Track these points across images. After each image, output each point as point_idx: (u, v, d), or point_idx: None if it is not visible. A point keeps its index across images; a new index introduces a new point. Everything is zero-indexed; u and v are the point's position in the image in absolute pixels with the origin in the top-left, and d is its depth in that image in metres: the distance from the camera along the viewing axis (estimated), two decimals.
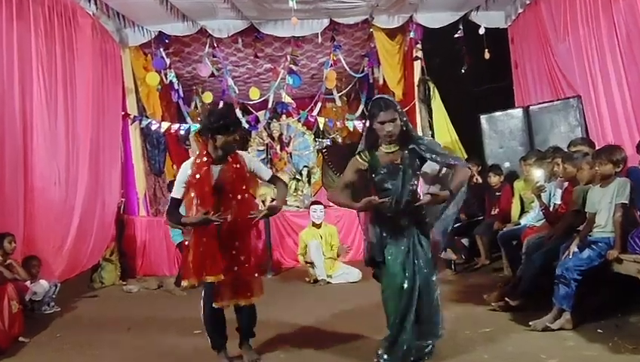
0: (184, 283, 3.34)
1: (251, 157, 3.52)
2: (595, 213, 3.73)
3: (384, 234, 3.05)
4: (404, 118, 3.02)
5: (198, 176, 3.16)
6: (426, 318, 3.01)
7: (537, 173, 4.45)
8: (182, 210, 3.35)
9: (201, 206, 3.17)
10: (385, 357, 3.00)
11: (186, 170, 3.23)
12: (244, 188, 3.26)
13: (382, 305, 3.09)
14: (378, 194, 3.01)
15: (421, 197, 3.06)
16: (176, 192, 3.26)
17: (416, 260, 2.99)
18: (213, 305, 3.21)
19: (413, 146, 3.00)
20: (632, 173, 3.77)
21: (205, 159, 3.20)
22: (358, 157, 3.09)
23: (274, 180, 3.49)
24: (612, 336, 3.24)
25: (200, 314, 3.32)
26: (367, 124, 3.12)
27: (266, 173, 3.46)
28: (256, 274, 3.34)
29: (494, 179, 5.98)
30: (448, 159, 3.03)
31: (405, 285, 2.96)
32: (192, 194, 3.19)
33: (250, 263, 3.29)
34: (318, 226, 6.19)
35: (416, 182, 3.08)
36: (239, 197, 3.22)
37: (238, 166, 3.24)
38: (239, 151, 3.36)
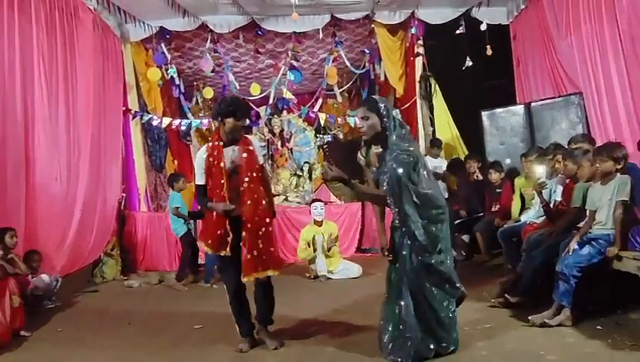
0: (204, 247, 3.49)
1: (259, 146, 3.67)
2: (595, 210, 3.73)
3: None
4: (385, 120, 2.85)
5: (211, 158, 3.36)
6: (429, 325, 2.99)
7: (538, 170, 4.44)
8: None
9: (214, 187, 3.35)
10: (389, 346, 3.02)
11: (201, 155, 3.44)
12: (257, 167, 3.44)
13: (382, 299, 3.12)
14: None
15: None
16: (198, 179, 3.45)
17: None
18: (242, 280, 3.36)
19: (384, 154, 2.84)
20: (630, 170, 3.76)
21: (217, 143, 3.39)
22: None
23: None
24: (612, 333, 3.25)
25: (205, 309, 3.36)
26: None
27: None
28: (272, 249, 3.42)
29: (495, 176, 5.97)
30: (384, 184, 2.85)
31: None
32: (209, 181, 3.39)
33: (271, 235, 3.41)
34: (320, 224, 6.19)
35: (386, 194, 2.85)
36: (254, 175, 3.38)
37: (250, 147, 3.43)
38: (249, 137, 3.58)
